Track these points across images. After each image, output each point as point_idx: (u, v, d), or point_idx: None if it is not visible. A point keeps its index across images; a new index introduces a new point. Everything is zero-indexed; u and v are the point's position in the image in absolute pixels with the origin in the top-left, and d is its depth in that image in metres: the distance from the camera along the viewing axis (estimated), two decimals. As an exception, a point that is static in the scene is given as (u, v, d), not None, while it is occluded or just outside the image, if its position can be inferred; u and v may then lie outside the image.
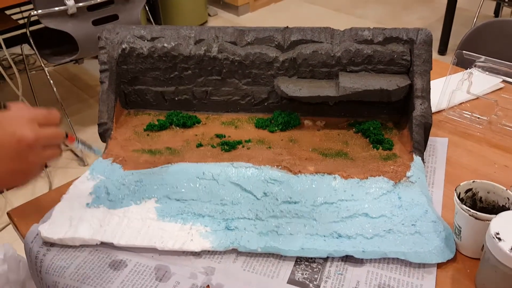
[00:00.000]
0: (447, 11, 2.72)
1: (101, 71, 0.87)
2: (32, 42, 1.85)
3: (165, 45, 0.87)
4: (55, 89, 2.03)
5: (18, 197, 1.90)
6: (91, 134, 2.25)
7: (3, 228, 1.75)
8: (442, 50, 2.83)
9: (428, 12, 3.37)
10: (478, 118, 0.91)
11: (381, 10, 3.45)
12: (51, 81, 2.02)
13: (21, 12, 2.31)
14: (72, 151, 2.15)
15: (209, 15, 3.34)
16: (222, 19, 3.40)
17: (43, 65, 1.92)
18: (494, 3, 3.07)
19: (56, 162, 2.12)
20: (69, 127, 2.20)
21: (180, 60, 0.88)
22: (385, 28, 0.85)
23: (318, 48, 0.85)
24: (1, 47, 1.87)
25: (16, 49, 2.70)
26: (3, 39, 1.88)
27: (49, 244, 0.69)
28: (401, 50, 0.83)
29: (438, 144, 0.86)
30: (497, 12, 3.14)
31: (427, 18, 3.29)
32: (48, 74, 1.98)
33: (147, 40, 0.88)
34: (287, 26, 0.88)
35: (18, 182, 0.52)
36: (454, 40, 2.87)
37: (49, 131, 0.54)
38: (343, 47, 0.85)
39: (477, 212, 0.60)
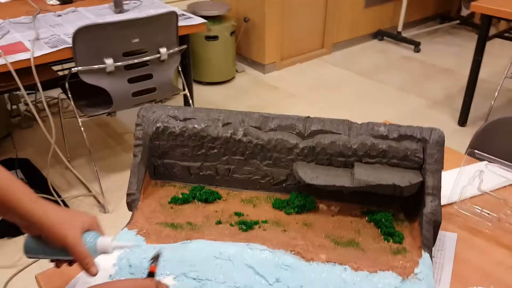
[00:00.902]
0: (468, 84, 2.78)
1: (136, 146, 0.94)
2: (70, 96, 1.97)
3: (196, 126, 0.95)
4: (85, 135, 2.14)
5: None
6: (114, 181, 2.34)
7: (22, 269, 1.81)
8: (462, 122, 2.87)
9: (450, 82, 3.44)
10: (488, 214, 0.95)
11: (403, 77, 3.54)
12: (82, 128, 2.13)
13: (61, 63, 2.47)
14: (95, 197, 2.23)
15: (236, 71, 3.49)
16: (248, 75, 3.54)
17: (77, 116, 2.03)
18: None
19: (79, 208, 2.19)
20: (94, 173, 2.29)
21: (208, 140, 0.95)
22: (400, 126, 0.91)
23: (336, 139, 0.91)
24: (38, 90, 1.99)
25: (52, 92, 2.86)
26: (40, 82, 1.99)
27: (72, 312, 0.74)
28: (415, 148, 0.88)
29: (447, 239, 0.89)
30: (519, 87, 3.19)
31: (449, 88, 3.36)
32: (80, 123, 2.10)
33: (180, 120, 0.95)
34: (308, 116, 0.95)
35: None
36: (475, 112, 2.92)
37: None
38: (360, 140, 0.91)
39: (479, 322, 0.63)
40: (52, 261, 0.74)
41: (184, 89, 2.31)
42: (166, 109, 0.97)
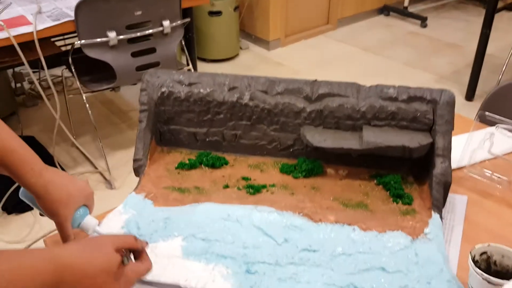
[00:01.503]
0: (476, 58, 2.74)
1: (141, 111, 0.93)
2: (73, 70, 1.96)
3: (201, 90, 0.93)
4: (90, 112, 2.13)
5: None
6: (120, 157, 2.34)
7: (31, 244, 1.82)
8: (470, 96, 2.83)
9: (457, 57, 3.39)
10: (499, 177, 0.93)
11: (409, 52, 3.49)
12: (87, 105, 2.12)
13: (64, 39, 2.44)
14: (101, 173, 2.23)
15: (240, 48, 3.45)
16: (253, 52, 3.50)
17: (82, 91, 2.02)
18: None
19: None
20: (100, 150, 2.29)
21: (214, 105, 0.94)
22: (410, 87, 0.89)
23: (344, 102, 0.90)
24: (43, 68, 1.98)
25: (56, 70, 2.85)
26: (44, 59, 1.97)
27: (81, 273, 0.74)
28: (424, 109, 0.87)
29: (457, 201, 0.88)
30: (527, 61, 3.13)
31: (456, 63, 3.31)
32: (85, 99, 2.09)
33: (185, 85, 0.94)
34: (316, 79, 0.93)
35: None
36: (482, 87, 2.88)
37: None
38: (368, 102, 0.89)
39: (490, 277, 0.62)
40: None
41: (188, 64, 2.29)
42: (171, 74, 0.95)
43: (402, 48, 3.56)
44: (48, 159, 2.23)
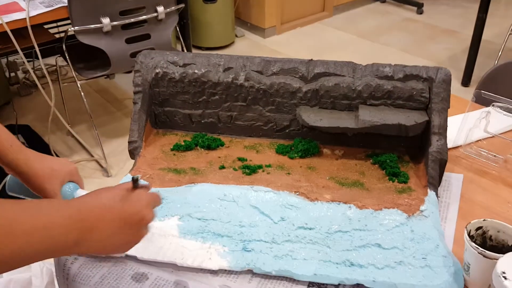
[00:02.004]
0: (472, 43, 2.73)
1: (135, 93, 0.93)
2: (67, 57, 1.94)
3: (196, 71, 0.92)
4: (85, 101, 2.11)
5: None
6: (116, 146, 2.33)
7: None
8: (466, 82, 2.83)
9: (453, 43, 3.38)
10: (495, 156, 0.93)
11: (406, 38, 3.48)
12: (82, 93, 2.10)
13: (58, 26, 2.42)
14: (97, 161, 2.23)
15: (236, 36, 3.43)
16: (248, 40, 3.48)
17: (76, 78, 2.00)
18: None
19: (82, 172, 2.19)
20: (95, 138, 2.28)
21: (209, 86, 0.93)
22: (406, 66, 0.89)
23: (340, 81, 0.89)
24: (37, 57, 1.96)
25: (49, 60, 2.83)
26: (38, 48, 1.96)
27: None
28: (421, 88, 0.86)
29: (453, 179, 0.89)
30: (523, 46, 3.13)
31: (452, 49, 3.31)
32: (79, 87, 2.07)
33: (179, 66, 0.93)
34: (311, 59, 0.92)
35: (126, 250, 0.60)
36: (478, 72, 2.87)
37: (153, 214, 0.62)
38: (364, 81, 0.89)
39: (486, 251, 0.62)
40: None
41: (183, 51, 2.27)
42: (165, 54, 0.94)
43: (398, 35, 3.54)
44: (44, 148, 2.22)
